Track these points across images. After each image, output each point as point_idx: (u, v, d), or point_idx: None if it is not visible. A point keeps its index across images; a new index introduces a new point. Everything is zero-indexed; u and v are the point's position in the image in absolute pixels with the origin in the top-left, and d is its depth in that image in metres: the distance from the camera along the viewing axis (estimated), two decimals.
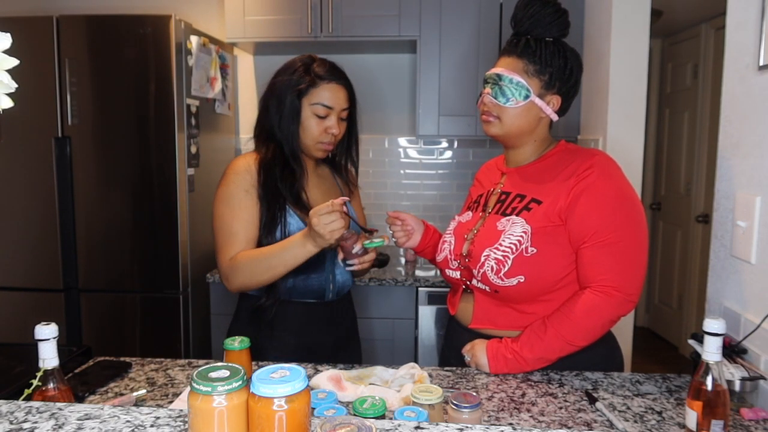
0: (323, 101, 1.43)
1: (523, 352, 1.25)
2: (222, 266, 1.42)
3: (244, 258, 1.38)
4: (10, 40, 0.78)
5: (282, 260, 1.34)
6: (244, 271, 1.38)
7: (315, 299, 1.50)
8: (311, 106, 1.43)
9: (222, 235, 1.43)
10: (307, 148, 1.48)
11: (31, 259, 2.44)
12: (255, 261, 1.37)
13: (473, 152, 3.05)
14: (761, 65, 1.21)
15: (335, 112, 1.45)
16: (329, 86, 1.44)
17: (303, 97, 1.43)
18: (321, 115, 1.44)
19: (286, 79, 1.45)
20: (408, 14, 2.60)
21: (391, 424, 0.74)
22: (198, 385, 0.65)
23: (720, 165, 1.38)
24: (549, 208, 1.26)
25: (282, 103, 1.44)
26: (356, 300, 1.58)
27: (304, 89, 1.43)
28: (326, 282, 1.50)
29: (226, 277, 1.42)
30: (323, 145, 1.47)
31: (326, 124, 1.45)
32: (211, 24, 3.00)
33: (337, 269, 1.52)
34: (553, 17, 1.29)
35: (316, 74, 1.44)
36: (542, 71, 1.29)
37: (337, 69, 1.48)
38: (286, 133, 1.45)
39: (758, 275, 1.22)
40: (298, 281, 1.47)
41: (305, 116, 1.44)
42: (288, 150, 1.46)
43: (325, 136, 1.46)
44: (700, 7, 3.59)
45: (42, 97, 2.35)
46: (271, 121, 1.46)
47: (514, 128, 1.31)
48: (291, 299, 1.48)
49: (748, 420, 1.09)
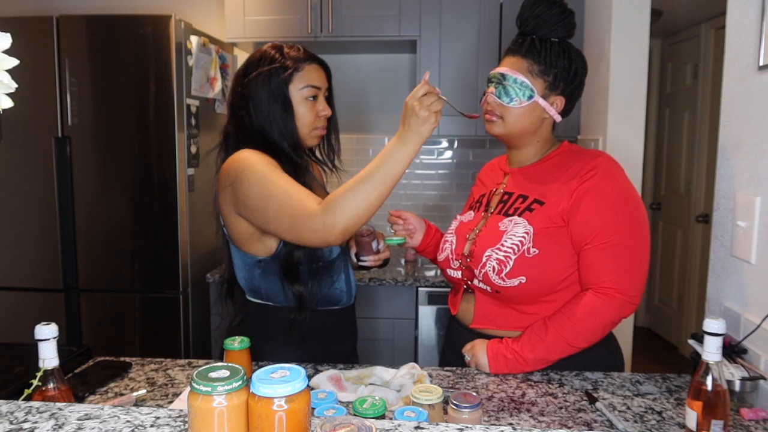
0: (311, 82, 1.37)
1: (524, 352, 1.25)
2: (313, 219, 1.17)
3: (340, 192, 1.18)
4: (10, 40, 0.78)
5: (388, 172, 1.16)
6: (349, 200, 1.16)
7: (337, 305, 1.45)
8: (300, 91, 1.36)
9: (287, 203, 1.21)
10: (303, 138, 1.39)
11: (31, 259, 2.44)
12: (357, 185, 1.17)
13: (473, 152, 3.05)
14: (761, 65, 1.21)
15: (321, 92, 1.40)
16: (311, 66, 1.38)
17: (290, 85, 1.35)
18: (311, 97, 1.37)
19: (264, 71, 1.35)
20: (408, 14, 2.60)
21: (391, 424, 0.74)
22: (198, 385, 0.65)
23: (720, 165, 1.38)
24: (551, 209, 1.26)
25: (269, 99, 1.34)
26: (356, 300, 1.58)
27: (289, 76, 1.35)
28: (345, 285, 1.45)
29: (324, 225, 1.16)
30: (318, 131, 1.41)
31: (317, 107, 1.39)
32: (211, 24, 3.00)
33: (350, 270, 1.47)
34: (559, 18, 1.28)
35: (295, 58, 1.37)
36: (547, 72, 1.28)
37: (307, 50, 1.41)
38: (282, 130, 1.35)
39: (758, 275, 1.22)
40: (325, 288, 1.40)
41: (296, 104, 1.36)
42: (289, 145, 1.36)
43: (318, 120, 1.40)
44: (700, 7, 3.59)
45: (42, 97, 2.35)
46: (260, 120, 1.35)
47: (517, 128, 1.31)
48: (318, 309, 1.41)
49: (748, 420, 1.09)
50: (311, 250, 1.35)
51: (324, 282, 1.39)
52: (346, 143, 1.57)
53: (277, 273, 1.36)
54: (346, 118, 3.12)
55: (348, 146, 3.05)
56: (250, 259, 1.37)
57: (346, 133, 3.27)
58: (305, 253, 1.34)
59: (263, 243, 1.35)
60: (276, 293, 1.38)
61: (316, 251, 1.36)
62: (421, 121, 1.14)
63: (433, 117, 1.14)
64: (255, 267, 1.38)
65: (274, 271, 1.36)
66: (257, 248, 1.35)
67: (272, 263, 1.36)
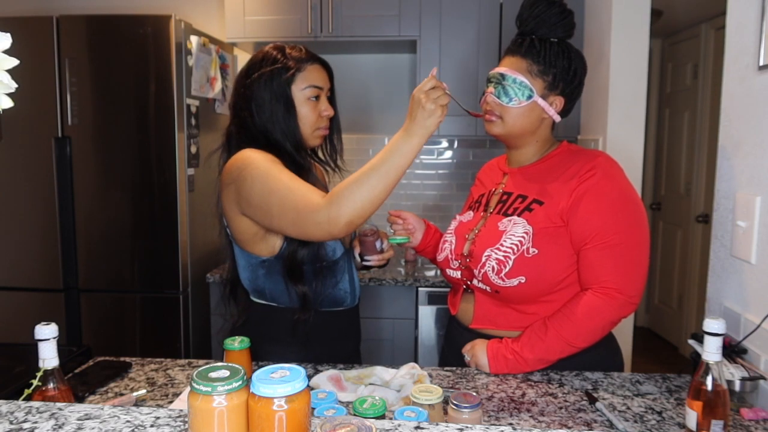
0: (314, 83, 1.37)
1: (524, 352, 1.25)
2: (317, 212, 1.16)
3: (346, 184, 1.16)
4: (10, 40, 0.78)
5: (393, 164, 1.14)
6: (354, 192, 1.14)
7: (341, 306, 1.44)
8: (302, 92, 1.36)
9: (290, 198, 1.20)
10: (306, 138, 1.40)
11: (31, 259, 2.44)
12: (362, 177, 1.15)
13: (473, 152, 3.05)
14: (761, 65, 1.21)
15: (324, 92, 1.40)
16: (313, 67, 1.38)
17: (292, 85, 1.36)
18: (313, 97, 1.37)
19: (266, 72, 1.35)
20: (408, 14, 2.60)
21: (391, 424, 0.74)
22: (198, 385, 0.65)
23: (720, 165, 1.38)
24: (551, 209, 1.26)
25: (272, 99, 1.35)
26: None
27: (292, 76, 1.35)
28: (349, 286, 1.44)
29: (328, 218, 1.15)
30: (321, 131, 1.41)
31: (320, 107, 1.39)
32: (211, 24, 3.00)
33: (354, 271, 1.46)
34: (558, 18, 1.28)
35: (297, 59, 1.37)
36: (546, 72, 1.28)
37: (309, 51, 1.41)
38: (284, 130, 1.36)
39: (758, 275, 1.22)
40: (328, 288, 1.41)
41: (299, 104, 1.36)
42: (292, 146, 1.36)
43: (321, 120, 1.40)
44: (700, 7, 3.59)
45: (42, 97, 2.35)
46: (263, 121, 1.35)
47: (517, 128, 1.31)
48: (322, 309, 1.40)
49: (748, 420, 1.09)
50: (315, 250, 1.35)
51: (327, 282, 1.39)
52: (346, 143, 1.57)
53: (280, 273, 1.36)
54: (346, 118, 3.11)
55: (348, 146, 3.01)
56: (254, 260, 1.37)
57: (346, 133, 3.25)
58: (308, 253, 1.34)
59: (267, 242, 1.34)
60: (280, 293, 1.38)
61: (320, 251, 1.36)
62: (428, 114, 1.13)
63: (439, 110, 1.13)
64: (259, 267, 1.37)
65: (277, 271, 1.36)
66: (261, 248, 1.35)
67: (276, 263, 1.35)
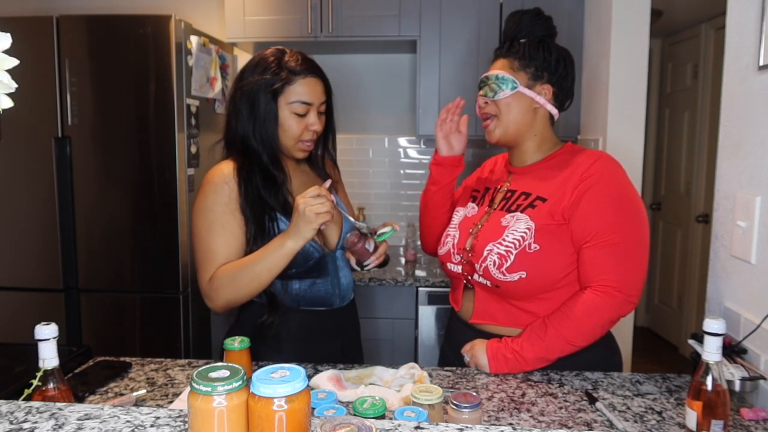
0: (302, 98, 1.33)
1: (523, 351, 1.25)
2: (203, 286, 1.33)
3: (224, 272, 1.29)
4: (10, 40, 0.78)
5: (266, 265, 1.25)
6: (227, 285, 1.28)
7: (323, 307, 1.44)
8: (289, 105, 1.33)
9: (200, 252, 1.33)
10: (287, 149, 1.38)
11: (31, 259, 2.44)
12: (238, 272, 1.27)
13: (473, 152, 3.05)
14: (761, 65, 1.21)
15: (314, 107, 1.35)
16: (305, 81, 1.33)
17: (279, 97, 1.33)
18: (300, 113, 1.34)
19: (257, 79, 1.33)
20: (408, 14, 2.60)
21: (391, 424, 0.74)
22: (198, 385, 0.65)
23: (720, 165, 1.38)
24: (553, 206, 1.27)
25: (255, 107, 1.33)
26: (356, 300, 1.58)
27: (280, 88, 1.32)
28: (332, 287, 1.44)
29: (208, 296, 1.32)
30: (304, 144, 1.37)
31: (307, 121, 1.35)
32: (211, 24, 3.00)
33: (340, 273, 1.46)
34: (534, 19, 1.36)
35: (290, 70, 1.33)
36: (527, 65, 1.34)
37: (309, 61, 1.37)
38: (263, 139, 1.34)
39: (758, 275, 1.22)
40: (304, 288, 1.40)
41: (283, 117, 1.34)
42: (267, 156, 1.35)
43: (306, 134, 1.36)
44: (700, 7, 3.59)
45: (42, 97, 2.35)
46: (244, 126, 1.35)
47: (511, 121, 1.34)
48: (299, 308, 1.41)
49: (748, 420, 1.09)
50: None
51: (305, 280, 1.40)
52: (346, 143, 1.58)
53: None
54: (346, 118, 3.13)
55: (348, 146, 3.06)
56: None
57: (346, 133, 3.28)
58: None
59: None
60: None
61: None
62: (305, 222, 1.19)
63: (314, 218, 1.18)
64: None
65: None
66: None
67: None
